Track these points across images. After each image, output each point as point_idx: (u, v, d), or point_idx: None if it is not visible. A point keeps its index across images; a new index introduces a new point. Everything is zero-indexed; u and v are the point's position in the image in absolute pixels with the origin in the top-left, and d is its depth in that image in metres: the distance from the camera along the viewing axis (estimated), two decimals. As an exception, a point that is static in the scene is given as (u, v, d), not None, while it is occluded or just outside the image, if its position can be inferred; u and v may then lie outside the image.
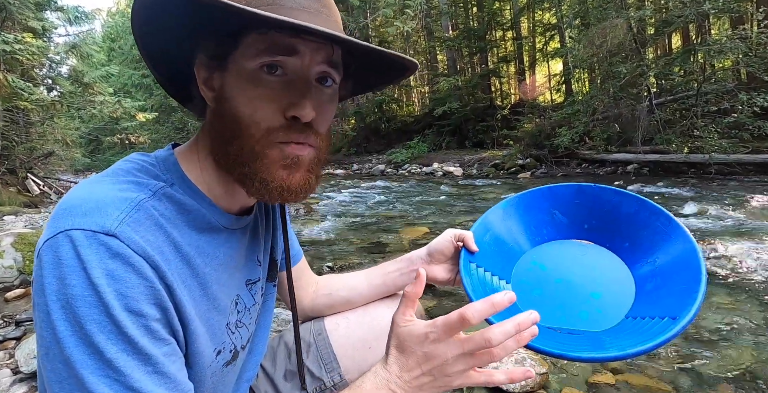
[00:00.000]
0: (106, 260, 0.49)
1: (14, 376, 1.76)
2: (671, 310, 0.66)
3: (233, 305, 0.70)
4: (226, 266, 0.67)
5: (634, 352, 0.60)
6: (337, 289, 1.00)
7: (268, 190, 0.60)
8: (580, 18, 12.42)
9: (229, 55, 0.59)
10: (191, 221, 0.61)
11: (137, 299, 0.50)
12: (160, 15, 0.57)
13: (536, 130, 11.62)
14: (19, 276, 2.94)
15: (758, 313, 2.08)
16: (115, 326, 0.48)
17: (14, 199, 8.26)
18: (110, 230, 0.50)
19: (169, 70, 0.68)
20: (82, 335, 0.47)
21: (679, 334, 0.61)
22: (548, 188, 0.91)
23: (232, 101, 0.58)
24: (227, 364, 0.69)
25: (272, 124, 0.58)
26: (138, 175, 0.59)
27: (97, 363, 0.47)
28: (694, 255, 0.71)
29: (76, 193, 0.54)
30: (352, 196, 7.85)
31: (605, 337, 0.69)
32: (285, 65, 0.58)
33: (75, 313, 0.47)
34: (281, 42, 0.56)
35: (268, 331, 0.89)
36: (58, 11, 12.05)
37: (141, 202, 0.54)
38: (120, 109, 10.70)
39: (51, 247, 0.49)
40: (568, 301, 0.77)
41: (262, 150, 0.58)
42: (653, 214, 0.80)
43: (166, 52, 0.64)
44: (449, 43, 17.90)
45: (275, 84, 0.58)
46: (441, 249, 0.92)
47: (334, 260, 3.36)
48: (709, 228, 3.85)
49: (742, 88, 8.27)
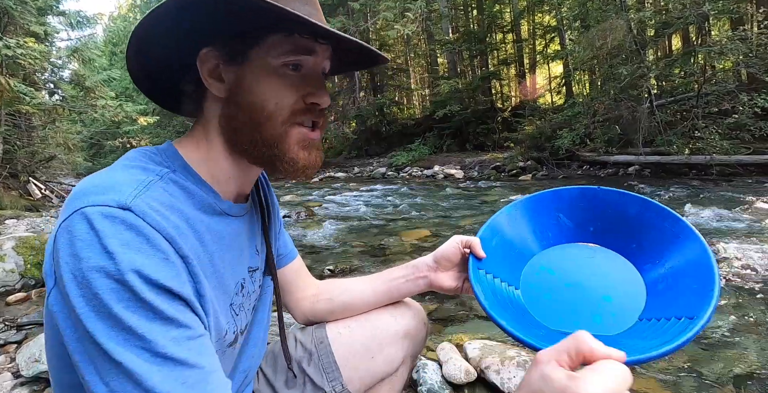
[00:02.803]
0: (123, 231, 0.50)
1: (15, 380, 1.76)
2: (687, 310, 0.65)
3: (239, 287, 0.72)
4: (232, 247, 0.70)
5: (658, 354, 0.58)
6: (338, 294, 0.99)
7: (295, 169, 0.68)
8: (580, 20, 12.44)
9: (248, 51, 0.64)
10: (197, 204, 0.63)
11: (155, 269, 0.50)
12: (178, 13, 0.58)
13: (537, 133, 11.61)
14: (20, 280, 2.94)
15: (762, 314, 2.07)
16: (133, 294, 0.48)
17: (16, 202, 8.27)
18: (125, 204, 0.51)
19: (155, 62, 0.68)
20: (100, 308, 0.48)
21: (699, 332, 0.60)
22: (552, 192, 0.91)
23: (256, 91, 0.65)
24: (230, 344, 0.70)
25: (296, 108, 0.66)
26: (144, 161, 0.62)
27: (121, 333, 0.47)
28: (704, 253, 0.70)
29: (88, 180, 0.57)
30: (353, 199, 7.84)
31: (623, 340, 0.68)
32: (303, 63, 0.67)
33: (91, 285, 0.48)
34: (305, 44, 0.65)
35: (265, 329, 0.89)
36: (60, 16, 12.12)
37: (152, 182, 0.57)
38: (121, 113, 10.74)
39: (66, 227, 0.50)
40: (579, 306, 0.76)
41: (285, 130, 0.66)
42: (659, 214, 0.80)
43: (162, 45, 0.65)
44: (450, 46, 17.91)
45: (296, 78, 0.66)
46: (448, 256, 0.90)
47: (335, 264, 3.35)
48: (712, 229, 3.83)
49: (742, 89, 8.26)
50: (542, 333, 0.71)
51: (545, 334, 0.71)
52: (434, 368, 1.64)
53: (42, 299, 2.79)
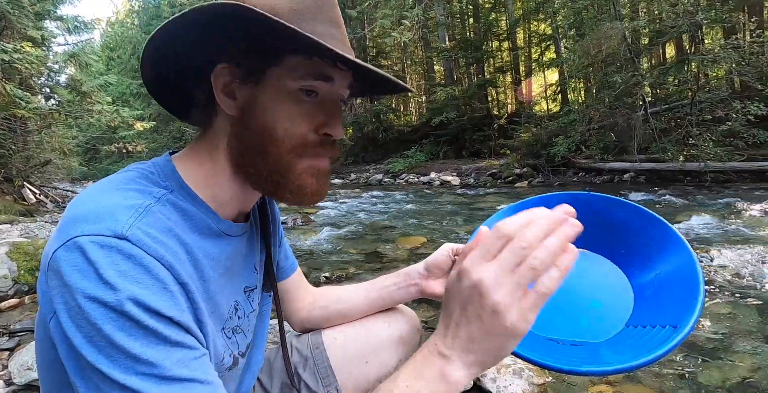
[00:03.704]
0: (119, 262, 0.48)
1: (7, 388, 1.74)
2: (671, 318, 0.65)
3: (233, 310, 0.71)
4: (227, 271, 0.68)
5: (638, 364, 0.59)
6: (333, 301, 1.00)
7: (303, 196, 0.65)
8: (575, 28, 12.57)
9: (266, 71, 0.61)
10: (194, 226, 0.61)
11: (154, 299, 0.49)
12: (195, 30, 0.57)
13: (533, 140, 11.69)
14: (13, 286, 2.91)
15: (756, 321, 2.08)
16: (135, 322, 0.47)
17: (10, 207, 8.21)
18: (121, 234, 0.49)
19: (169, 72, 0.67)
20: (100, 338, 0.46)
21: (682, 342, 0.61)
22: (541, 197, 0.91)
23: (268, 114, 0.62)
24: (228, 368, 0.69)
25: (307, 139, 0.63)
26: (140, 182, 0.60)
27: (125, 361, 0.46)
28: (690, 262, 0.70)
29: (82, 204, 0.54)
30: (349, 205, 7.84)
31: (608, 348, 0.68)
32: (320, 90, 0.63)
33: (89, 317, 0.46)
34: (322, 70, 0.62)
35: (264, 342, 0.89)
36: (57, 21, 12.15)
37: (148, 207, 0.55)
38: (118, 118, 10.71)
39: (61, 257, 0.49)
40: (568, 311, 0.76)
41: (294, 160, 0.63)
42: (648, 221, 0.80)
43: (175, 55, 0.64)
44: (446, 53, 18.05)
45: (311, 105, 0.63)
46: (438, 264, 0.91)
47: (331, 270, 3.34)
48: (705, 235, 3.85)
49: (735, 96, 8.36)
50: (529, 340, 0.70)
51: (532, 341, 0.71)
52: (430, 376, 1.63)
53: (35, 305, 2.76)
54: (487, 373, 1.59)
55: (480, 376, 1.59)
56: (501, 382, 1.55)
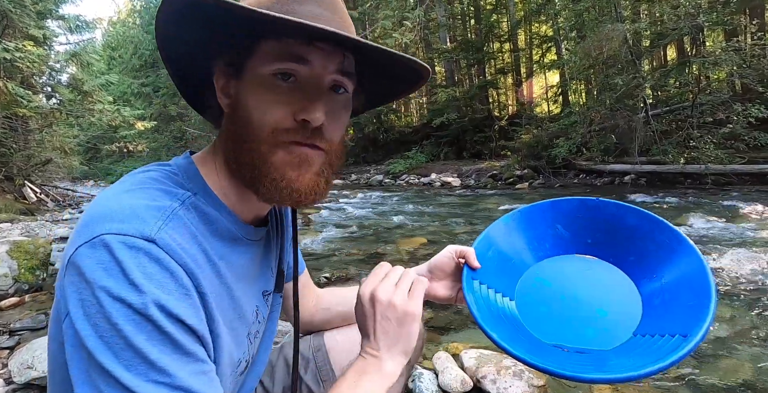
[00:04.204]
0: (146, 264, 0.48)
1: (7, 387, 1.74)
2: (681, 327, 0.64)
3: (254, 316, 0.71)
4: (247, 276, 0.68)
5: (644, 373, 0.57)
6: (335, 303, 1.00)
7: (278, 190, 0.59)
8: (577, 30, 12.58)
9: (245, 63, 0.60)
10: (216, 232, 0.61)
11: (176, 304, 0.49)
12: (182, 27, 0.58)
13: (534, 141, 11.68)
14: (13, 284, 2.91)
15: (757, 324, 2.08)
16: (156, 327, 0.47)
17: (11, 206, 8.21)
18: (149, 236, 0.49)
19: (190, 77, 0.68)
20: (117, 338, 0.45)
21: (691, 352, 0.59)
22: (550, 202, 0.90)
23: (246, 106, 0.59)
24: (241, 373, 0.69)
25: (280, 125, 0.58)
26: (166, 183, 0.59)
27: (141, 365, 0.46)
28: (702, 270, 0.69)
29: (107, 201, 0.53)
30: (350, 206, 7.84)
31: (614, 356, 0.67)
32: (297, 73, 0.58)
33: (110, 316, 0.45)
34: (293, 50, 0.57)
35: (271, 343, 0.89)
36: (59, 20, 12.13)
37: (175, 210, 0.54)
38: (119, 118, 10.69)
39: (84, 253, 0.48)
40: (574, 319, 0.75)
41: (268, 150, 0.58)
42: (657, 228, 0.79)
43: (187, 60, 0.65)
44: (447, 54, 18.05)
45: (287, 89, 0.58)
46: (441, 266, 0.89)
47: (332, 271, 3.34)
48: (706, 238, 3.85)
49: (737, 99, 8.37)
50: (534, 346, 0.70)
51: (537, 347, 0.70)
52: (430, 378, 1.63)
53: (35, 304, 2.76)
54: (487, 374, 1.59)
55: (480, 377, 1.59)
56: (501, 384, 1.54)
